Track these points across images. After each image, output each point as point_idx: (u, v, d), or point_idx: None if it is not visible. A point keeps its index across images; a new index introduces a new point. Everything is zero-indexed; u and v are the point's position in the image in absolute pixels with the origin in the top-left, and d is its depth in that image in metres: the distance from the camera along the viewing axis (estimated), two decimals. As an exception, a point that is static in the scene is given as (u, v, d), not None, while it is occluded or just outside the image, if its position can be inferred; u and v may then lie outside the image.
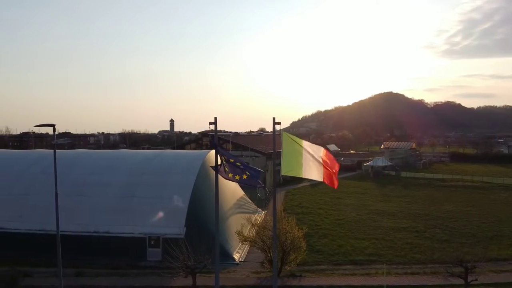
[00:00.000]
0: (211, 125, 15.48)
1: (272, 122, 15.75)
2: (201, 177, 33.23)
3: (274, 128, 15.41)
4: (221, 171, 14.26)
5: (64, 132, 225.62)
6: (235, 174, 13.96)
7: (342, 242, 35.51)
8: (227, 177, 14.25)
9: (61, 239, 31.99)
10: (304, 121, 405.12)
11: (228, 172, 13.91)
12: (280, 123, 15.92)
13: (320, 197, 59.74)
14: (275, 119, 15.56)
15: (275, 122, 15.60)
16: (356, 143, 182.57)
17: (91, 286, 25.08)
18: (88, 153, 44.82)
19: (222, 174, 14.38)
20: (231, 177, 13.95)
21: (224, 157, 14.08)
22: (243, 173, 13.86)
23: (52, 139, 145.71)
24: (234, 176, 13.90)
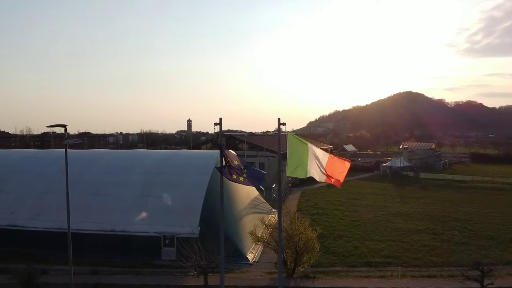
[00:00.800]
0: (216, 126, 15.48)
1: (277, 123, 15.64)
2: (215, 177, 33.22)
3: (279, 129, 15.34)
4: (225, 172, 14.27)
5: (84, 132, 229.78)
6: (238, 175, 13.95)
7: (357, 243, 35.12)
8: (230, 178, 14.25)
9: (78, 237, 32.78)
10: (321, 121, 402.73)
11: (232, 174, 13.91)
12: (286, 123, 15.78)
13: (337, 198, 59.21)
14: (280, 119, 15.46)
15: (280, 123, 15.51)
16: (375, 144, 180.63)
17: (106, 284, 25.34)
18: (105, 153, 45.49)
19: (226, 175, 14.38)
20: (234, 178, 13.93)
21: (229, 158, 14.09)
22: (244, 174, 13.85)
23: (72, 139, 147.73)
24: (238, 177, 13.89)
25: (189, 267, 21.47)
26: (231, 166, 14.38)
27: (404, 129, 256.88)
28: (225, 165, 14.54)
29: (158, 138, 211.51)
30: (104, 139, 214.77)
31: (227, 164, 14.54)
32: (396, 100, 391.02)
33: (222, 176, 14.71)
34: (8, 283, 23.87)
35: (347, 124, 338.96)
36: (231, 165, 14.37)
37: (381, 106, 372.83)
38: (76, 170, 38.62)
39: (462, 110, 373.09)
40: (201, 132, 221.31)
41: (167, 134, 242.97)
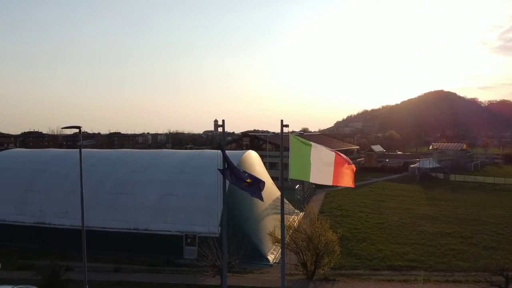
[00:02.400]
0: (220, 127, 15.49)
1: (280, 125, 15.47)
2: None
3: (282, 131, 15.14)
4: (227, 174, 14.22)
5: (114, 132, 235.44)
6: (238, 180, 13.88)
7: (381, 246, 34.49)
8: (232, 181, 14.20)
9: (103, 235, 33.67)
10: (349, 121, 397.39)
11: (233, 176, 13.85)
12: (288, 125, 15.57)
13: (362, 199, 58.39)
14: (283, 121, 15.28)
15: (283, 125, 15.31)
16: (404, 144, 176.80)
17: (128, 282, 25.83)
18: (131, 152, 46.36)
19: (227, 177, 14.34)
20: (235, 182, 13.88)
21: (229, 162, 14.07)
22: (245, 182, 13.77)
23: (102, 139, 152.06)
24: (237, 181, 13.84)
25: (205, 267, 21.54)
26: (234, 170, 14.32)
27: (435, 129, 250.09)
28: (227, 168, 14.50)
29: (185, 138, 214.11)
30: (134, 139, 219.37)
31: (229, 166, 14.49)
32: (427, 99, 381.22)
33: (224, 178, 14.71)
34: (34, 279, 24.57)
35: (376, 124, 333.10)
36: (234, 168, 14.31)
37: (411, 105, 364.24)
38: (103, 169, 39.73)
39: (495, 109, 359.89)
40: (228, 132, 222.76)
41: (194, 134, 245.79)
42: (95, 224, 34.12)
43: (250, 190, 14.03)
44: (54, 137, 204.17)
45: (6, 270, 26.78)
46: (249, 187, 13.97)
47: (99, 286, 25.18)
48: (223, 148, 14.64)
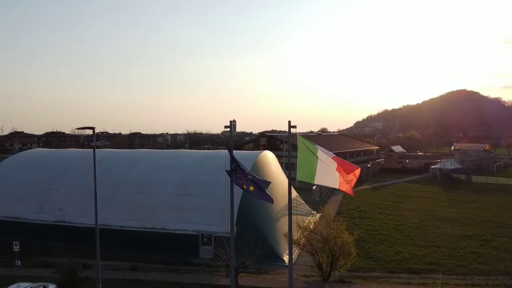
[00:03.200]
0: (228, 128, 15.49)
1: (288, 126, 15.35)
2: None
3: (290, 132, 15.00)
4: (233, 176, 14.20)
5: (135, 132, 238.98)
6: (245, 183, 13.84)
7: (399, 248, 33.96)
8: (238, 183, 14.17)
9: (121, 233, 34.14)
10: (369, 121, 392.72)
11: (240, 179, 13.81)
12: (296, 126, 15.42)
13: (381, 201, 57.64)
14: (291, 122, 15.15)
15: (291, 126, 15.17)
16: (425, 145, 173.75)
17: (144, 280, 26.13)
18: (148, 153, 46.92)
19: (234, 179, 14.31)
20: (241, 184, 13.84)
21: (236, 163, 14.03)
22: (251, 184, 13.71)
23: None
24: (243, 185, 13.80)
25: (219, 267, 21.61)
26: (241, 173, 14.29)
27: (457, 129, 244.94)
28: (234, 169, 14.49)
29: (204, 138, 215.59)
30: (154, 139, 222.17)
31: (237, 169, 14.47)
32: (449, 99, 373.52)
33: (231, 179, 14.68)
34: (53, 276, 25.12)
35: (396, 124, 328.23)
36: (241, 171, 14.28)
37: (433, 105, 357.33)
38: (121, 169, 40.33)
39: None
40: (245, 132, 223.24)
41: (213, 134, 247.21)
42: (114, 223, 34.69)
43: (255, 193, 14.00)
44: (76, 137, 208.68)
45: (27, 267, 27.46)
46: (254, 191, 13.94)
47: (116, 284, 25.57)
48: (230, 150, 14.65)
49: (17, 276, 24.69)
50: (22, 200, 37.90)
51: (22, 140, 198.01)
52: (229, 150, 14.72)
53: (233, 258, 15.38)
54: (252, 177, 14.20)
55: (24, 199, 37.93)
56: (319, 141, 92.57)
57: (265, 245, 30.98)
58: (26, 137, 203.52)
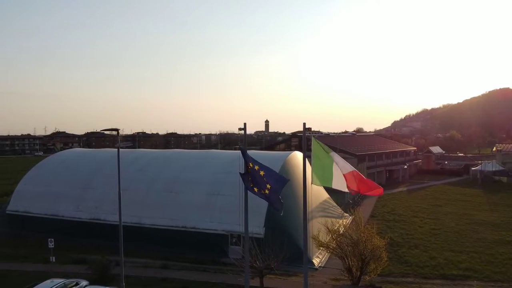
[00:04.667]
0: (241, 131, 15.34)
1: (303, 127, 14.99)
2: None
3: (305, 135, 14.65)
4: (246, 180, 14.04)
5: (171, 133, 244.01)
6: (259, 188, 13.62)
7: (434, 254, 32.82)
8: (249, 187, 14.00)
9: (154, 232, 34.81)
10: (407, 120, 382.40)
11: (251, 182, 13.63)
12: (311, 128, 15.04)
13: (417, 203, 56.00)
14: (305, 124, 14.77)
15: (305, 128, 14.80)
16: (466, 145, 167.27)
17: (173, 278, 26.48)
18: (181, 153, 47.64)
19: (246, 183, 14.15)
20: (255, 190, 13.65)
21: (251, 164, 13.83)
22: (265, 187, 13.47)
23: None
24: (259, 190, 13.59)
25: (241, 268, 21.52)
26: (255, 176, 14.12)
27: (500, 129, 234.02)
28: (247, 172, 14.33)
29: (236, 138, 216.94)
30: (189, 139, 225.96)
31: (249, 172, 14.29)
32: (493, 98, 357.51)
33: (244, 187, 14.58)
34: (86, 273, 25.86)
35: (436, 124, 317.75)
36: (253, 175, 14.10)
37: (475, 104, 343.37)
38: (155, 169, 41.15)
39: None
40: (278, 133, 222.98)
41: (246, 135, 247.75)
42: (147, 222, 35.47)
43: (267, 198, 13.84)
44: (115, 137, 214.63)
45: (62, 263, 28.44)
46: (267, 195, 13.78)
47: (146, 281, 26.02)
48: (245, 152, 14.52)
49: (51, 272, 25.61)
50: (60, 198, 39.37)
51: (63, 140, 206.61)
52: (243, 153, 14.62)
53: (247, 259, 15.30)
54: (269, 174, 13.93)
55: (62, 197, 39.39)
56: (354, 141, 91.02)
57: (294, 247, 30.67)
58: (67, 137, 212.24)
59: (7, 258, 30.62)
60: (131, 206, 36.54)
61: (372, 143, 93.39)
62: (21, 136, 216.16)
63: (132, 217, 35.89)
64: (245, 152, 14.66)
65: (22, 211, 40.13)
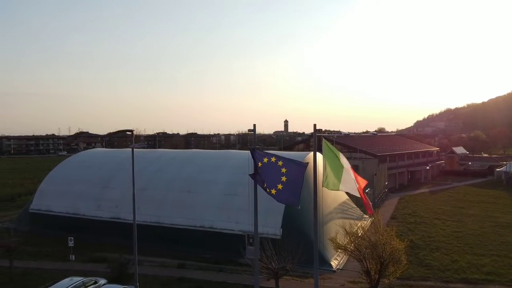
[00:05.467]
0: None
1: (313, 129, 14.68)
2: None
3: (315, 136, 14.39)
4: (257, 179, 13.91)
5: (191, 133, 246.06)
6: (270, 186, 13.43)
7: (456, 257, 32.01)
8: (263, 186, 13.85)
9: (172, 231, 35.07)
10: (430, 120, 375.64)
11: (264, 182, 13.49)
12: (322, 129, 14.79)
13: (439, 205, 54.80)
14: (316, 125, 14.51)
15: (316, 130, 14.54)
16: (491, 146, 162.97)
17: (189, 278, 26.61)
18: (199, 153, 47.85)
19: (259, 183, 14.02)
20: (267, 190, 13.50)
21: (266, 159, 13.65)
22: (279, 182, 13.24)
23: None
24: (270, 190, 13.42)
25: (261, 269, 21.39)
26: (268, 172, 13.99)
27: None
28: (256, 173, 14.22)
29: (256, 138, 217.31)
30: (208, 139, 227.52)
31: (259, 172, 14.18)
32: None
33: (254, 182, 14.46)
34: (105, 271, 26.22)
35: (460, 124, 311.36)
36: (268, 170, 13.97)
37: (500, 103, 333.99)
38: (174, 168, 41.51)
39: None
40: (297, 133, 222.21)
41: (265, 135, 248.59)
42: (165, 221, 35.77)
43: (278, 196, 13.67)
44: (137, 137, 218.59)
45: (82, 262, 28.95)
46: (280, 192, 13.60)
47: (163, 280, 26.22)
48: (253, 153, 14.41)
49: (71, 270, 26.08)
50: (81, 197, 40.11)
51: (86, 140, 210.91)
52: (252, 153, 14.51)
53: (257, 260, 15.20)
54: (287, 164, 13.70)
55: (83, 196, 40.11)
56: (375, 141, 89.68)
57: (312, 248, 30.40)
58: (90, 137, 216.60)
59: (29, 256, 31.32)
60: (150, 206, 37.00)
61: (394, 143, 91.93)
62: (45, 136, 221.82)
63: (151, 216, 36.33)
64: (254, 152, 14.57)
65: (45, 210, 41.09)
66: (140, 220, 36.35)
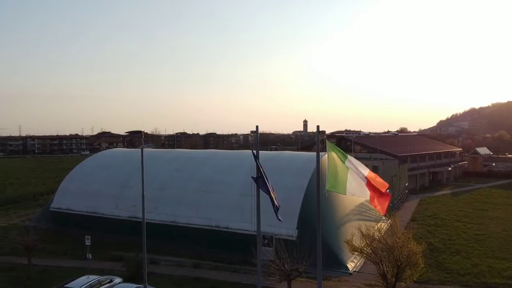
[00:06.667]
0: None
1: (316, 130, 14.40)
2: (314, 180, 32.65)
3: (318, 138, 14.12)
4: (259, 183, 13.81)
5: (210, 133, 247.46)
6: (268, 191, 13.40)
7: (477, 261, 31.21)
8: (265, 190, 13.75)
9: (188, 231, 35.26)
10: (453, 120, 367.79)
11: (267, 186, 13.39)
12: (325, 131, 14.50)
13: (461, 207, 53.56)
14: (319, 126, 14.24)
15: (320, 131, 14.26)
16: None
17: (204, 278, 26.70)
18: (216, 153, 48.06)
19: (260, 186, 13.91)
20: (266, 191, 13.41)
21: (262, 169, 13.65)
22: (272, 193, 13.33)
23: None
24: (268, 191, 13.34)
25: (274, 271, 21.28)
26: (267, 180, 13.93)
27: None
28: (260, 176, 14.12)
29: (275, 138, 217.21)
30: (227, 139, 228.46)
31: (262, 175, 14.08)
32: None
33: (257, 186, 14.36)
34: (121, 270, 26.53)
35: (484, 123, 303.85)
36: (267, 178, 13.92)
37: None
38: (190, 168, 41.76)
39: None
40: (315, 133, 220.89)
41: (283, 135, 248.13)
42: (181, 220, 36.00)
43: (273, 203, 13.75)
44: (157, 137, 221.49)
45: (99, 260, 29.37)
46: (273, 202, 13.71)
47: (177, 280, 26.37)
48: (256, 156, 14.33)
49: (89, 268, 26.47)
50: (100, 196, 40.73)
51: (108, 139, 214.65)
52: (255, 156, 14.47)
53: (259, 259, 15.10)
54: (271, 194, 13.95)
55: (102, 195, 40.73)
56: (395, 141, 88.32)
57: (328, 250, 30.10)
58: (112, 137, 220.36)
59: (48, 254, 31.94)
60: (167, 205, 37.33)
61: (415, 143, 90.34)
62: (69, 136, 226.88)
63: (168, 216, 36.64)
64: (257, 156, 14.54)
65: (65, 208, 41.91)
66: (157, 219, 36.89)
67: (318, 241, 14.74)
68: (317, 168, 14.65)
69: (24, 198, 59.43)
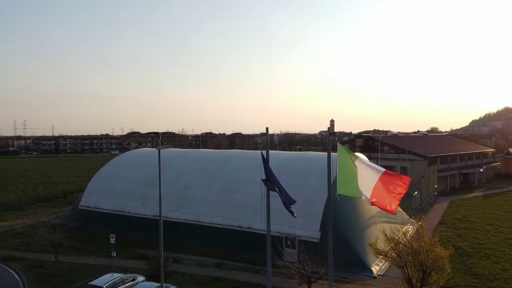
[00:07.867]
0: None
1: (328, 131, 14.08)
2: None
3: (329, 139, 13.77)
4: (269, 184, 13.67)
5: (236, 133, 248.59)
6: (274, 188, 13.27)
7: (507, 265, 30.14)
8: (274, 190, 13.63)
9: (211, 230, 35.50)
10: (486, 119, 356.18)
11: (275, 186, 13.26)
12: (336, 133, 14.13)
13: (493, 210, 51.76)
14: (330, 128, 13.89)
15: (331, 133, 13.90)
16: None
17: (225, 278, 26.76)
18: (239, 153, 48.16)
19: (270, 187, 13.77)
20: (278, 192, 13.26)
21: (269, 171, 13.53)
22: None
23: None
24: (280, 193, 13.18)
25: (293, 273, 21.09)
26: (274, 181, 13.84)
27: None
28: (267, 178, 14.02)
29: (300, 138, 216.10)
30: (253, 139, 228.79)
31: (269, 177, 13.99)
32: None
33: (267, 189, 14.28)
34: (144, 268, 26.90)
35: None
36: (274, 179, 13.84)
37: None
38: (214, 168, 42.01)
39: None
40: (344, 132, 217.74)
41: (309, 135, 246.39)
42: (205, 220, 36.25)
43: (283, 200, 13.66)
44: (185, 137, 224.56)
45: (124, 258, 29.90)
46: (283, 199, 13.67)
47: (200, 279, 26.53)
48: (265, 158, 14.26)
49: (113, 266, 26.98)
50: (127, 195, 41.52)
51: (137, 139, 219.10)
52: (263, 158, 14.41)
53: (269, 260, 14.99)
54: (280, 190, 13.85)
55: (129, 194, 41.51)
56: (425, 142, 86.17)
57: (352, 253, 29.67)
58: (141, 137, 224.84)
59: (75, 252, 32.80)
60: (191, 204, 37.68)
61: (446, 144, 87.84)
62: (99, 136, 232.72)
63: (192, 215, 36.97)
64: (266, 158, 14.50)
65: (93, 206, 42.96)
66: (181, 218, 37.30)
67: (329, 244, 14.53)
68: (328, 169, 14.45)
69: (55, 196, 61.32)
